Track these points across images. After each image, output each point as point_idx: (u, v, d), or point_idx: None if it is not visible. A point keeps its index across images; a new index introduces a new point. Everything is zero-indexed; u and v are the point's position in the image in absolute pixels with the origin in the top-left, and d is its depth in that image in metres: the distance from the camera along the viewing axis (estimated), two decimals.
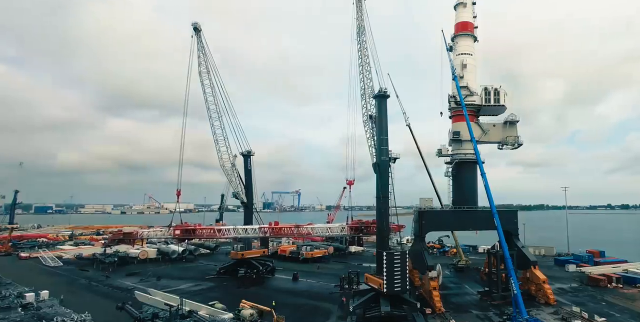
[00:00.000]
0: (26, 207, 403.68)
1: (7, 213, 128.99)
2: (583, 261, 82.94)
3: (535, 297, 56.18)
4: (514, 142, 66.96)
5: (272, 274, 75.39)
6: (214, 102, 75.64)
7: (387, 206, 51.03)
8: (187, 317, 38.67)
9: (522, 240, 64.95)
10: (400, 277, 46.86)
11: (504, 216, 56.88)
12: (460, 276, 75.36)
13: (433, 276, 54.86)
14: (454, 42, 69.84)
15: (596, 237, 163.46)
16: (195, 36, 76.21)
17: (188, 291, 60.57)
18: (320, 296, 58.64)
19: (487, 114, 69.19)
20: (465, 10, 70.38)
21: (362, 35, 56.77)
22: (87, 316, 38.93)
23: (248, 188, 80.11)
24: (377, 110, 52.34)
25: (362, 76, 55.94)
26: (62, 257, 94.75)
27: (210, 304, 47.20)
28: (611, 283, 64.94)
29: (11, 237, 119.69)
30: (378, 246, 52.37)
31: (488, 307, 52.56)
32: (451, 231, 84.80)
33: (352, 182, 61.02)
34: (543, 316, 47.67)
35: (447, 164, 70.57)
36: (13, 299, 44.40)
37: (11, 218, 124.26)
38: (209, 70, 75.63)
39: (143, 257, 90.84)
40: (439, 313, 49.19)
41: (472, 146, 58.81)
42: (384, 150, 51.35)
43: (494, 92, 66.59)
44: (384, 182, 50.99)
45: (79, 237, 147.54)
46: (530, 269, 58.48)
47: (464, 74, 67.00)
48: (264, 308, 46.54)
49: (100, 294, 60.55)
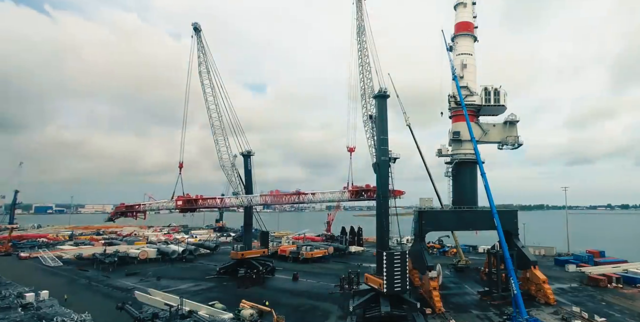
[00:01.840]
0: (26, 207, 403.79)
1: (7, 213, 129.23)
2: (583, 261, 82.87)
3: (535, 297, 56.13)
4: (514, 142, 66.98)
5: (272, 274, 75.36)
6: (214, 102, 75.61)
7: (387, 206, 51.01)
8: (187, 317, 38.64)
9: (522, 240, 64.94)
10: (400, 277, 46.87)
11: (503, 216, 56.87)
12: (460, 276, 75.32)
13: (433, 276, 54.85)
14: (454, 42, 69.86)
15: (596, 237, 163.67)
16: (195, 36, 76.23)
17: (188, 291, 60.54)
18: (321, 296, 58.59)
19: (487, 114, 69.21)
20: (465, 10, 70.39)
21: (362, 35, 56.77)
22: (87, 316, 38.92)
23: (248, 188, 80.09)
24: (377, 110, 52.34)
25: (362, 76, 55.96)
26: (62, 257, 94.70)
27: (210, 304, 47.26)
28: (611, 283, 64.89)
29: (11, 237, 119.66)
30: (378, 246, 52.36)
31: (488, 307, 52.52)
32: (451, 231, 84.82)
33: (353, 149, 61.04)
34: (543, 316, 47.63)
35: (447, 164, 70.62)
36: (13, 299, 44.35)
37: (11, 218, 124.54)
38: (209, 70, 75.64)
39: (143, 257, 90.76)
40: (439, 313, 49.17)
41: (472, 146, 58.84)
42: (384, 150, 51.34)
43: (494, 92, 66.62)
44: (383, 182, 50.99)
45: (79, 237, 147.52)
46: (530, 269, 58.45)
47: (464, 74, 67.04)
48: (264, 308, 46.60)
49: (100, 294, 60.54)
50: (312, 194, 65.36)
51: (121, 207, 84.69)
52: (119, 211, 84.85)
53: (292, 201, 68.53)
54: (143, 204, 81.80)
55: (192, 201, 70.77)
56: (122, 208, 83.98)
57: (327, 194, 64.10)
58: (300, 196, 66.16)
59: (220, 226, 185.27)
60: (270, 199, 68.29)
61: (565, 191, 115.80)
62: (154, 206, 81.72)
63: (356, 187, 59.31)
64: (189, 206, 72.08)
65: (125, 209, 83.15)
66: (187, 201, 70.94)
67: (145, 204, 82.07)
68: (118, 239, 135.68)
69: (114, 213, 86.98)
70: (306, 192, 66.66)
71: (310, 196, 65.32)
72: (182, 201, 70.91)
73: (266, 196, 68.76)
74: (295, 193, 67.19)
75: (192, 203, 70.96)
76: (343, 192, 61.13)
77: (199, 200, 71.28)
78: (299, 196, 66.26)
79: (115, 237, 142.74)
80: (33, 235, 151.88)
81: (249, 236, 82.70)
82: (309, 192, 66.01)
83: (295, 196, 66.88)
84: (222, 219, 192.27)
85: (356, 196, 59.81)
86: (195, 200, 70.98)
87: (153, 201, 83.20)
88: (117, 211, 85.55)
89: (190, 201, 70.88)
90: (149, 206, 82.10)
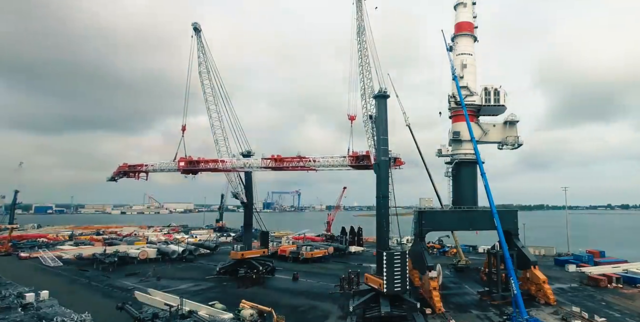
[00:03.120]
0: (26, 207, 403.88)
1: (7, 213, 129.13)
2: (583, 261, 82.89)
3: (535, 297, 56.16)
4: (514, 142, 67.04)
5: (272, 274, 75.37)
6: (214, 102, 75.56)
7: (387, 206, 51.01)
8: (187, 317, 38.69)
9: (522, 240, 64.95)
10: (400, 277, 46.90)
11: (503, 216, 56.90)
12: (460, 276, 75.35)
13: (433, 276, 54.82)
14: (454, 42, 69.88)
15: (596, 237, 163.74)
16: (195, 36, 76.20)
17: (188, 291, 60.55)
18: (321, 296, 58.61)
19: (487, 114, 69.24)
20: (465, 10, 70.40)
21: (362, 35, 56.75)
22: (87, 316, 38.96)
23: (248, 188, 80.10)
24: (377, 110, 52.35)
25: (362, 76, 55.95)
26: (62, 257, 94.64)
27: (210, 304, 47.22)
28: (611, 283, 64.90)
29: (11, 237, 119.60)
30: (378, 246, 52.36)
31: (488, 307, 52.54)
32: (451, 231, 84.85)
33: (354, 117, 61.56)
34: (543, 316, 47.63)
35: (447, 164, 70.64)
36: (13, 299, 44.39)
37: (11, 218, 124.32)
38: (209, 70, 75.55)
39: (143, 257, 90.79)
40: (439, 313, 49.17)
41: (471, 146, 58.88)
42: (384, 151, 51.36)
43: (494, 92, 66.64)
44: (383, 182, 51.01)
45: (79, 237, 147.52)
46: (530, 269, 58.45)
47: (464, 74, 67.07)
48: (264, 308, 46.56)
49: (100, 294, 60.52)
50: (314, 159, 66.39)
51: (124, 167, 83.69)
52: (122, 171, 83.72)
53: (294, 164, 68.38)
54: (146, 165, 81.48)
55: (193, 162, 72.66)
56: (124, 168, 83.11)
57: (328, 159, 64.98)
58: (303, 160, 66.65)
59: (220, 226, 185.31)
60: (273, 162, 68.83)
61: (565, 191, 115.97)
62: (156, 166, 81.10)
63: (356, 153, 59.97)
64: (190, 167, 73.57)
65: (128, 169, 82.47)
66: (189, 162, 73.02)
67: (148, 165, 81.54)
68: (118, 239, 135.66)
69: (117, 172, 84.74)
70: (307, 157, 66.86)
71: (312, 161, 66.21)
72: (185, 162, 72.94)
73: (268, 159, 69.44)
74: (297, 157, 67.49)
75: (194, 164, 72.71)
76: (344, 158, 62.28)
77: (200, 162, 73.14)
78: (301, 160, 66.72)
79: (115, 237, 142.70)
80: (33, 235, 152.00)
81: (249, 236, 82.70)
82: (311, 158, 66.54)
83: (297, 159, 67.20)
84: (222, 219, 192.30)
85: (356, 162, 60.31)
86: (197, 161, 72.97)
87: (156, 163, 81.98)
88: (120, 170, 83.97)
89: (192, 162, 72.90)
90: (151, 166, 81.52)
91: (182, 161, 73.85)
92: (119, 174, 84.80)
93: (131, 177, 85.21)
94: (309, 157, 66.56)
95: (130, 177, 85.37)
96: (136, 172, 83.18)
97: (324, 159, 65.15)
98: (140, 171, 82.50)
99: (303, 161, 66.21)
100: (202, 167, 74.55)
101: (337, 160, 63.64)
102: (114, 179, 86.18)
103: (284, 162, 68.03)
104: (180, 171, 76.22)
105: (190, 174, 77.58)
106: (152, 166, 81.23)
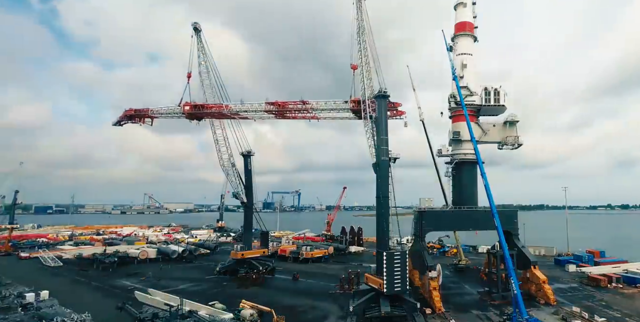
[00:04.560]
0: (26, 207, 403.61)
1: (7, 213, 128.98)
2: (583, 261, 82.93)
3: (535, 297, 56.19)
4: (514, 142, 66.99)
5: (272, 274, 75.38)
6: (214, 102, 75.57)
7: (387, 206, 51.01)
8: (187, 317, 38.67)
9: (522, 240, 64.96)
10: (400, 277, 46.90)
11: (503, 215, 56.83)
12: (460, 276, 75.38)
13: (433, 276, 54.86)
14: (454, 42, 69.80)
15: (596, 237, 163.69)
16: (195, 36, 76.17)
17: (188, 291, 60.60)
18: (320, 296, 58.61)
19: (487, 114, 69.18)
20: (465, 10, 70.33)
21: (362, 36, 56.77)
22: (87, 316, 38.98)
23: (248, 188, 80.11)
24: (377, 110, 52.35)
25: (362, 76, 55.97)
26: (62, 257, 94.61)
27: (210, 304, 47.24)
28: (611, 283, 64.96)
29: (11, 237, 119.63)
30: (378, 246, 52.37)
31: (488, 307, 52.57)
32: (453, 231, 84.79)
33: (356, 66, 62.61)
34: (543, 316, 47.66)
35: (447, 164, 70.59)
36: (13, 299, 44.44)
37: (11, 218, 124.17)
38: (209, 70, 75.59)
39: (143, 257, 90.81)
40: (439, 313, 49.22)
41: (471, 146, 58.77)
42: (384, 151, 51.36)
43: (494, 92, 66.54)
44: (383, 182, 51.00)
45: (79, 237, 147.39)
46: (530, 269, 58.50)
47: (464, 74, 67.03)
48: (264, 308, 46.56)
49: (100, 294, 60.55)
50: (316, 102, 68.21)
51: (130, 111, 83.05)
52: (128, 115, 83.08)
53: (296, 108, 70.43)
54: (151, 109, 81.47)
55: (198, 107, 74.16)
56: (130, 112, 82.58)
57: (330, 103, 66.64)
58: (305, 104, 68.73)
59: (220, 226, 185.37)
60: (276, 107, 70.38)
61: (565, 191, 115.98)
62: (162, 111, 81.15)
63: (357, 98, 60.93)
64: (195, 111, 74.81)
65: (134, 113, 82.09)
66: (194, 106, 74.48)
67: (154, 110, 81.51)
68: (118, 239, 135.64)
69: (122, 116, 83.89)
70: (310, 101, 68.85)
71: (315, 104, 68.10)
72: (190, 106, 74.45)
73: (271, 103, 70.50)
74: (299, 101, 69.41)
75: (199, 108, 74.14)
76: (346, 102, 63.60)
77: (205, 107, 74.29)
78: (304, 104, 68.83)
79: (115, 237, 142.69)
80: (33, 235, 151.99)
81: (249, 236, 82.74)
82: (313, 102, 68.56)
83: (300, 103, 69.24)
84: (222, 219, 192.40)
85: (357, 106, 61.22)
86: (201, 106, 74.26)
87: (162, 107, 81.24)
88: (125, 114, 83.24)
89: (197, 106, 74.32)
90: (157, 111, 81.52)
91: (187, 105, 75.08)
92: (124, 118, 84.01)
93: (136, 122, 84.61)
94: (312, 101, 68.29)
95: (135, 122, 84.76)
96: (142, 117, 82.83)
97: (327, 103, 66.65)
98: (146, 116, 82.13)
99: (305, 105, 67.72)
100: (207, 112, 75.15)
101: (339, 104, 64.97)
102: (119, 124, 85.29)
103: (287, 106, 69.86)
104: (185, 115, 76.78)
105: (195, 120, 78.08)
106: (157, 111, 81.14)
